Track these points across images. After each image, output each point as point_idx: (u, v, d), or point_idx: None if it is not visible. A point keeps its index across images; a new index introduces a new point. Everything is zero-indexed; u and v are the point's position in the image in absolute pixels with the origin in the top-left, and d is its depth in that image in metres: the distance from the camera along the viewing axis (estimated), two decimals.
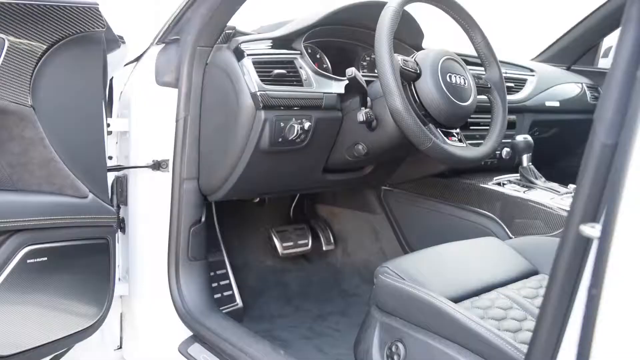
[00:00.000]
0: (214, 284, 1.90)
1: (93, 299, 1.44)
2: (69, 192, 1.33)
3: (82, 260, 1.39)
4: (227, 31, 1.66)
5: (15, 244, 1.23)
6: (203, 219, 1.72)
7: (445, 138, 1.59)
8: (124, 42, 1.60)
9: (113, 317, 1.81)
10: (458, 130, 1.72)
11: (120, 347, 1.88)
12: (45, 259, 1.29)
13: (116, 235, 1.56)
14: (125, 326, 1.85)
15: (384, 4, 1.50)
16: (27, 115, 1.24)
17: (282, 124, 1.57)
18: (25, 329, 1.29)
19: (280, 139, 1.58)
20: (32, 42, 1.25)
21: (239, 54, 1.58)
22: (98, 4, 1.36)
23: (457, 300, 1.22)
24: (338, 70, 1.78)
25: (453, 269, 1.38)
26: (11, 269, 1.22)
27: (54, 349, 1.42)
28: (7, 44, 1.21)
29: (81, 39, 1.34)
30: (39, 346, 1.35)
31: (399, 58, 1.52)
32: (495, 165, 2.18)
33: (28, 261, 1.25)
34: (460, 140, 1.69)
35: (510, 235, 1.87)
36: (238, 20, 1.68)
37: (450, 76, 1.58)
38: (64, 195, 1.33)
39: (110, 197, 1.61)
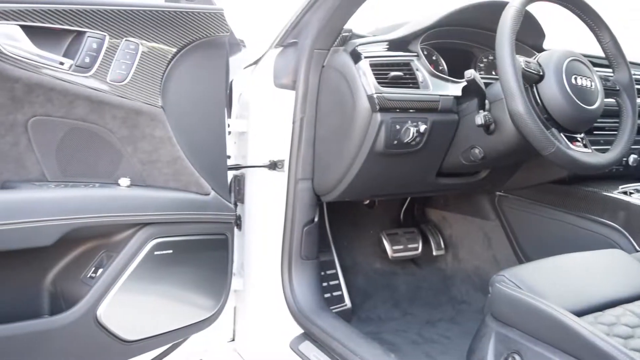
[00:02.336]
0: (324, 284, 1.92)
1: (212, 292, 1.50)
2: (193, 189, 1.40)
3: (203, 255, 1.45)
4: (343, 34, 1.67)
5: (145, 236, 1.30)
6: (316, 219, 1.74)
7: (569, 143, 1.51)
8: (244, 46, 1.66)
9: (227, 310, 1.88)
10: (582, 135, 1.64)
11: (233, 340, 1.94)
12: (171, 251, 1.36)
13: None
14: (239, 320, 1.92)
15: (505, 3, 1.46)
16: (158, 115, 1.31)
17: (397, 127, 1.56)
18: (149, 317, 1.37)
19: (395, 142, 1.57)
20: (163, 46, 1.32)
21: (356, 57, 1.59)
22: (223, 10, 1.42)
23: (579, 314, 1.16)
24: (454, 73, 1.75)
25: (574, 281, 1.31)
26: (140, 259, 1.30)
27: (173, 338, 1.49)
28: (141, 48, 1.29)
29: (207, 43, 1.40)
30: (160, 334, 1.42)
31: (521, 59, 1.46)
32: (620, 173, 2.05)
33: (155, 253, 1.33)
34: (585, 146, 1.60)
35: (638, 248, 1.74)
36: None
37: (575, 78, 1.51)
38: (189, 192, 1.39)
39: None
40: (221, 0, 1.46)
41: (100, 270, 1.26)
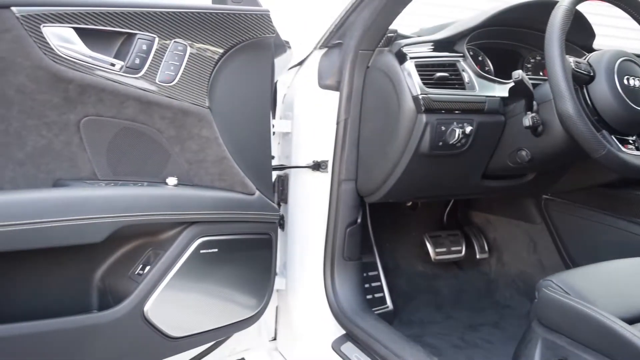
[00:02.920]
0: (366, 285, 1.91)
1: (255, 291, 1.51)
2: (238, 189, 1.41)
3: (248, 254, 1.46)
4: (388, 34, 1.67)
5: (191, 235, 1.32)
6: (359, 220, 1.74)
7: (620, 146, 1.47)
8: (289, 47, 1.67)
9: (269, 309, 1.89)
10: (634, 137, 1.59)
11: (275, 339, 1.96)
12: (216, 250, 1.37)
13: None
14: (280, 319, 1.93)
15: (554, 3, 1.43)
16: (205, 115, 1.33)
17: (443, 128, 1.55)
18: (194, 314, 1.39)
19: (440, 143, 1.56)
20: (210, 48, 1.34)
21: (401, 57, 1.58)
22: (269, 11, 1.43)
23: (630, 321, 1.12)
24: (500, 73, 1.72)
25: (625, 288, 1.27)
26: (186, 257, 1.32)
27: (216, 336, 1.51)
28: (189, 50, 1.31)
29: (253, 44, 1.41)
30: (204, 331, 1.43)
31: (571, 60, 1.43)
32: None
33: (201, 251, 1.34)
34: (637, 149, 1.55)
35: None
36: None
37: (627, 79, 1.47)
38: (234, 192, 1.41)
39: None
40: (266, 2, 1.47)
41: (147, 268, 1.29)
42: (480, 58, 1.77)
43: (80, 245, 1.17)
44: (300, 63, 1.82)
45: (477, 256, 2.35)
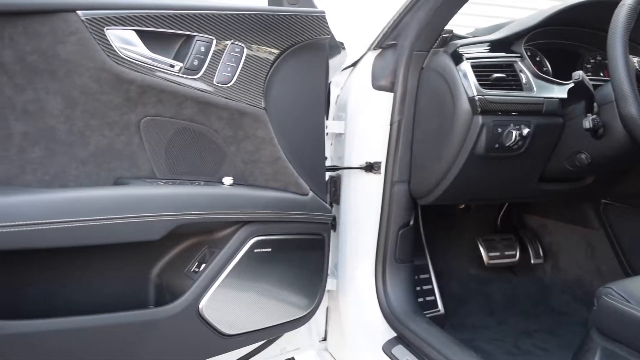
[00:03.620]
0: (417, 288, 1.90)
1: (307, 292, 1.52)
2: (292, 189, 1.42)
3: (300, 254, 1.47)
4: (443, 35, 1.65)
5: (246, 234, 1.34)
6: (412, 222, 1.73)
7: None
8: (344, 48, 1.67)
9: (320, 309, 1.90)
10: None
11: (325, 339, 1.96)
12: (270, 249, 1.39)
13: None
14: (331, 319, 1.93)
15: (616, 1, 1.38)
16: (260, 116, 1.35)
17: (499, 130, 1.52)
18: (247, 312, 1.40)
19: (496, 145, 1.53)
20: (266, 49, 1.35)
21: (457, 58, 1.56)
22: (325, 13, 1.43)
23: None
24: (559, 74, 1.68)
25: None
26: (241, 256, 1.34)
27: (268, 335, 1.52)
28: (246, 51, 1.33)
29: (308, 45, 1.42)
30: (257, 330, 1.45)
31: (635, 60, 1.39)
32: None
33: (255, 250, 1.36)
34: None
35: None
36: None
37: None
38: (288, 192, 1.42)
39: None
40: (321, 3, 1.48)
41: (203, 265, 1.31)
42: (538, 58, 1.73)
43: (139, 242, 1.20)
44: (354, 64, 1.82)
45: (532, 261, 2.29)
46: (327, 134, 1.76)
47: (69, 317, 1.15)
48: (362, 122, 1.73)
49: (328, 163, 1.82)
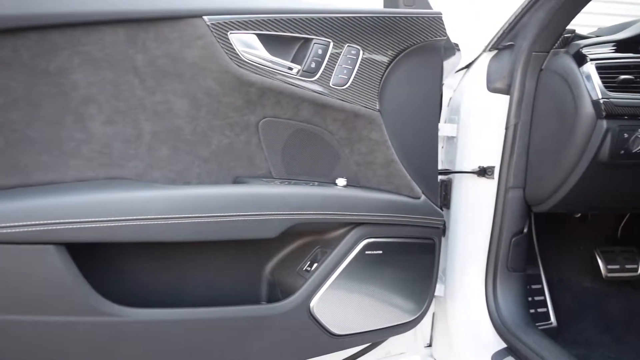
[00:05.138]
0: (528, 299, 1.83)
1: (415, 296, 1.50)
2: (404, 192, 1.41)
3: (410, 258, 1.45)
4: (565, 35, 1.58)
5: (358, 235, 1.34)
6: (525, 230, 1.67)
7: None
8: (458, 50, 1.64)
9: (426, 315, 1.87)
10: None
11: (430, 345, 1.93)
12: (381, 252, 1.38)
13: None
14: (437, 326, 1.90)
15: None
16: (375, 118, 1.35)
17: (625, 135, 1.44)
18: (356, 314, 1.41)
19: (622, 152, 1.44)
20: (382, 51, 1.35)
21: (580, 59, 1.49)
22: (441, 14, 1.41)
23: None
24: None
25: None
26: (352, 257, 1.34)
27: (374, 337, 1.52)
28: (362, 54, 1.33)
29: (424, 47, 1.40)
30: (364, 332, 1.45)
31: None
32: None
33: (366, 252, 1.36)
34: None
35: None
36: None
37: None
38: (400, 195, 1.41)
39: None
40: (435, 4, 1.46)
41: (315, 265, 1.33)
42: None
43: (256, 239, 1.23)
44: (468, 66, 1.78)
45: None
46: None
47: (189, 308, 1.20)
48: (475, 125, 1.69)
49: (439, 166, 1.79)
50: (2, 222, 1.02)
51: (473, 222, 1.71)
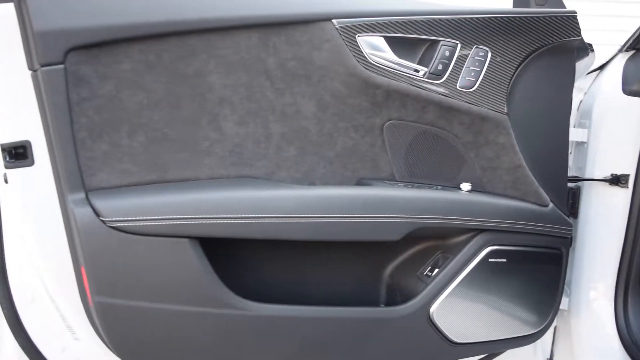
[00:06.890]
0: None
1: (539, 309, 1.44)
2: (531, 199, 1.36)
3: (536, 268, 1.40)
4: None
5: (481, 242, 1.31)
6: None
7: None
8: (592, 50, 1.55)
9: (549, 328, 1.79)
10: None
11: None
12: (505, 260, 1.34)
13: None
14: (559, 340, 1.81)
15: None
16: (502, 122, 1.31)
17: None
18: (476, 323, 1.37)
19: None
20: (512, 52, 1.31)
21: None
22: (576, 13, 1.35)
23: None
24: None
25: None
26: (475, 264, 1.31)
27: (493, 348, 1.48)
28: (490, 55, 1.30)
29: (555, 48, 1.35)
30: (483, 342, 1.41)
31: None
32: None
33: (489, 260, 1.32)
34: None
35: None
36: None
37: None
38: (526, 202, 1.36)
39: None
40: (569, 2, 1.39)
41: (436, 270, 1.31)
42: None
43: (378, 241, 1.23)
44: (601, 67, 1.68)
45: None
46: None
47: (311, 307, 1.22)
48: (609, 130, 1.60)
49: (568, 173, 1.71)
50: (144, 216, 1.09)
51: (603, 233, 1.61)
